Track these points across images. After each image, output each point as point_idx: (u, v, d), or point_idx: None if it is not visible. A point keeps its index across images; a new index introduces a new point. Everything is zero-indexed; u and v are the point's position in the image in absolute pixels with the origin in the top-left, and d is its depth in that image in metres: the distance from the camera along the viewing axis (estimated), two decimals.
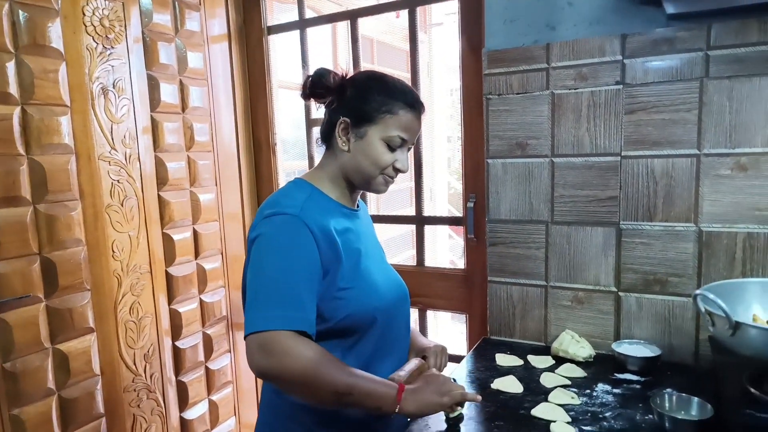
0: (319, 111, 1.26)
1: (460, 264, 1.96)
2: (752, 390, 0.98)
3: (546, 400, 1.21)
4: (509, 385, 1.30)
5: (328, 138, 1.15)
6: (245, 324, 0.98)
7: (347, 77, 1.13)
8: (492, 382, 1.31)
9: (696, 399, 1.08)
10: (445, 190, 5.67)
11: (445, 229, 5.28)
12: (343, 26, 3.00)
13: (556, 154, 1.48)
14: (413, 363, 1.15)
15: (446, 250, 5.60)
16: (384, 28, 3.55)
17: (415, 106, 1.11)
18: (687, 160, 1.34)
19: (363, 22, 2.00)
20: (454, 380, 1.10)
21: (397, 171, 1.12)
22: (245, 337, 0.97)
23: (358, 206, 1.22)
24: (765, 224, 1.27)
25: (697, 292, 1.04)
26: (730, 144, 1.29)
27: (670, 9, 1.28)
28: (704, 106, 1.31)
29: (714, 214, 1.32)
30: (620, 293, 1.45)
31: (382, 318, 1.11)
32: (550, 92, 1.47)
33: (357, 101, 1.10)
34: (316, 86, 1.12)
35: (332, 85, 1.11)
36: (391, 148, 1.10)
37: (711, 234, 1.33)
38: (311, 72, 1.13)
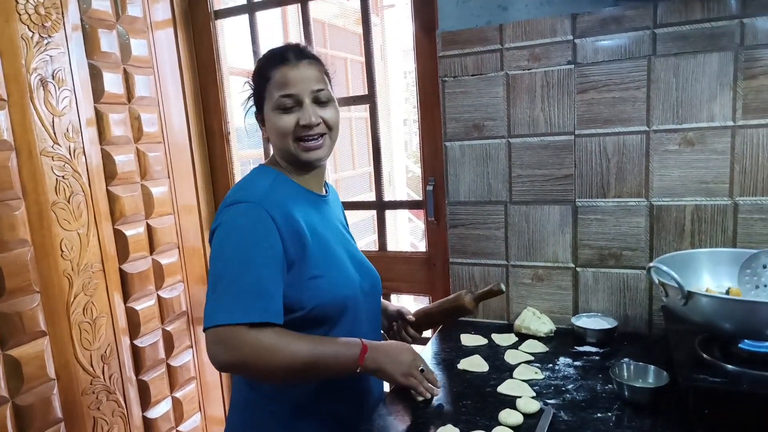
0: None
1: (421, 247, 1.97)
2: (704, 355, 1.03)
3: (511, 377, 1.24)
4: (475, 364, 1.32)
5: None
6: (204, 317, 0.96)
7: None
8: (458, 363, 1.33)
9: (652, 367, 1.13)
10: (403, 174, 5.68)
11: (404, 213, 5.30)
12: (293, 9, 2.93)
13: (513, 134, 1.50)
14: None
15: (407, 233, 5.63)
16: (335, 11, 3.49)
17: (287, 55, 1.07)
18: (637, 137, 1.38)
19: (314, 6, 1.96)
20: (423, 369, 1.11)
21: (305, 128, 1.06)
22: (204, 330, 0.96)
23: (326, 191, 1.20)
24: (711, 197, 1.33)
25: (651, 264, 1.08)
26: (677, 120, 1.34)
27: None
28: (652, 83, 1.34)
29: (663, 189, 1.37)
30: (578, 269, 1.49)
31: (353, 306, 1.10)
32: (505, 73, 1.48)
33: (254, 90, 1.13)
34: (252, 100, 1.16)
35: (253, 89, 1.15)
36: (287, 111, 1.06)
37: (661, 208, 1.38)
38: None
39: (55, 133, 1.57)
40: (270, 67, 1.07)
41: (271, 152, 1.18)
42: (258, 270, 0.97)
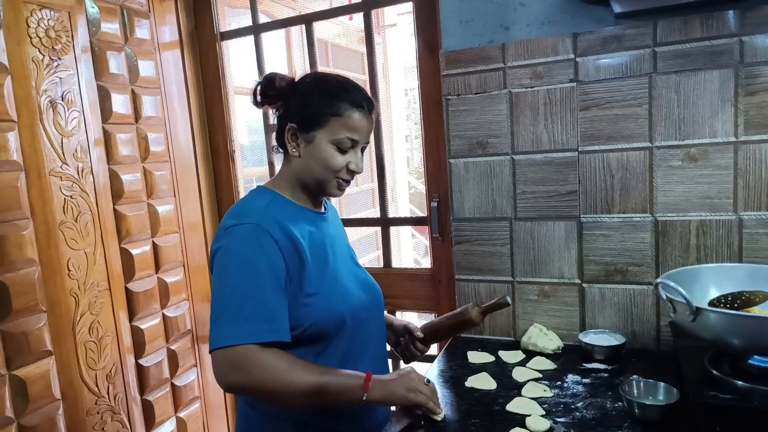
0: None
1: (424, 263, 1.97)
2: (713, 372, 1.02)
3: (519, 395, 1.23)
4: (482, 381, 1.31)
5: (281, 144, 1.14)
6: (210, 339, 0.97)
7: (294, 81, 1.13)
8: (465, 380, 1.32)
9: (662, 384, 1.12)
10: (406, 190, 5.69)
11: (407, 229, 5.31)
12: (297, 30, 2.97)
13: (516, 151, 1.51)
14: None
15: (410, 249, 5.63)
16: (338, 30, 3.54)
17: (363, 104, 1.09)
18: (640, 153, 1.39)
19: (318, 26, 1.99)
20: (428, 381, 1.11)
21: (351, 173, 1.11)
22: (210, 352, 0.97)
23: (325, 209, 1.21)
24: (716, 212, 1.34)
25: (658, 280, 1.08)
26: (680, 136, 1.35)
27: (617, 8, 1.32)
28: (654, 100, 1.36)
29: (668, 204, 1.38)
30: (584, 284, 1.49)
31: (351, 322, 1.11)
32: (508, 91, 1.50)
33: (302, 105, 1.09)
34: (266, 92, 1.11)
35: (281, 89, 1.10)
36: (342, 151, 1.08)
37: (666, 223, 1.39)
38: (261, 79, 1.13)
39: (63, 154, 1.59)
40: (344, 103, 1.06)
41: (277, 169, 1.19)
42: (263, 291, 0.98)
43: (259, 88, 1.12)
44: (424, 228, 1.99)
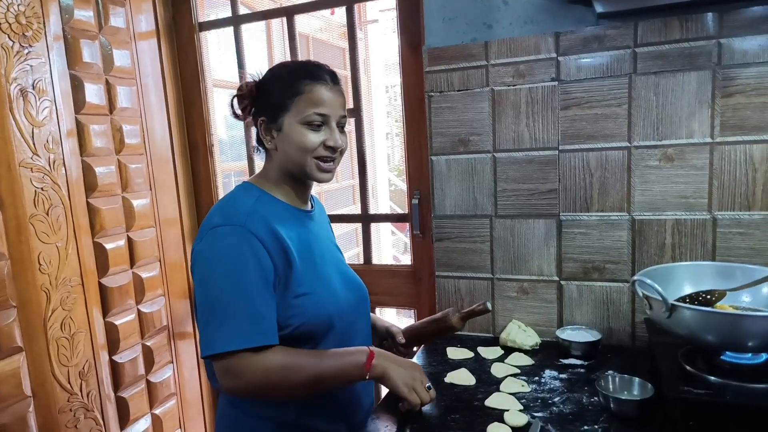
0: None
1: (404, 260, 1.97)
2: (687, 367, 1.05)
3: (498, 390, 1.24)
4: (462, 377, 1.32)
5: (260, 142, 1.13)
6: (201, 343, 0.98)
7: (257, 82, 1.12)
8: (445, 376, 1.33)
9: (637, 379, 1.14)
10: (386, 187, 5.69)
11: (387, 226, 5.30)
12: (278, 23, 2.94)
13: (498, 149, 1.52)
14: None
15: (390, 246, 5.63)
16: (319, 25, 3.51)
17: (324, 76, 1.07)
18: (619, 152, 1.41)
19: (299, 19, 1.96)
20: (430, 387, 1.10)
21: (330, 149, 1.07)
22: (203, 357, 0.96)
23: (312, 206, 1.19)
24: (691, 211, 1.36)
25: (635, 277, 1.10)
26: (658, 136, 1.37)
27: (599, 8, 1.33)
28: (633, 100, 1.38)
29: (645, 203, 1.40)
30: (562, 282, 1.51)
31: (339, 323, 1.10)
32: (490, 89, 1.50)
33: (266, 96, 1.08)
34: (238, 104, 1.12)
35: (249, 94, 1.10)
36: (314, 128, 1.05)
37: (643, 222, 1.41)
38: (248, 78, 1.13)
39: (34, 144, 1.54)
40: (303, 80, 1.05)
41: (258, 165, 1.18)
42: (250, 294, 0.97)
43: (235, 101, 1.12)
44: (403, 225, 1.99)
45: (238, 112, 1.13)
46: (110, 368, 1.79)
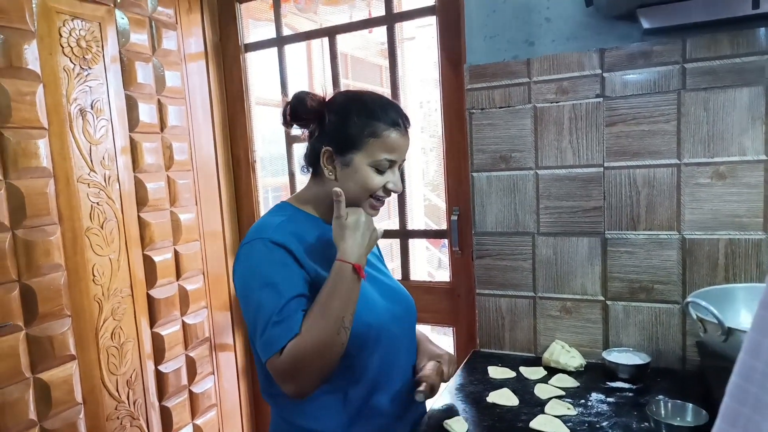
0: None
1: (438, 276, 1.96)
2: None
3: (543, 412, 1.22)
4: (504, 397, 1.30)
5: (313, 165, 1.12)
6: (260, 353, 0.99)
7: (325, 101, 1.10)
8: (487, 396, 1.31)
9: (690, 405, 1.10)
10: (421, 203, 5.69)
11: (422, 242, 5.30)
12: (317, 43, 3.01)
13: (540, 166, 1.51)
14: (430, 365, 1.14)
15: (424, 262, 5.61)
16: (357, 43, 3.57)
17: (400, 122, 1.06)
18: (668, 169, 1.37)
19: (336, 40, 2.00)
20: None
21: (389, 192, 1.09)
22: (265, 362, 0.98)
23: None
24: (744, 230, 1.32)
25: (689, 299, 1.06)
26: (708, 153, 1.33)
27: (646, 24, 1.32)
28: (682, 117, 1.35)
29: (695, 222, 1.36)
30: (607, 302, 1.47)
31: (378, 334, 1.08)
32: (533, 106, 1.49)
33: (337, 128, 1.05)
34: (297, 112, 1.09)
35: (311, 109, 1.08)
36: (380, 171, 1.06)
37: (693, 241, 1.37)
38: (290, 97, 1.11)
39: (91, 161, 1.62)
40: (380, 124, 1.04)
41: (301, 181, 1.19)
42: (281, 298, 0.96)
43: (288, 108, 1.10)
44: (438, 241, 1.98)
45: (289, 119, 1.10)
46: (155, 378, 1.84)
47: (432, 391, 1.10)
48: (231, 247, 2.18)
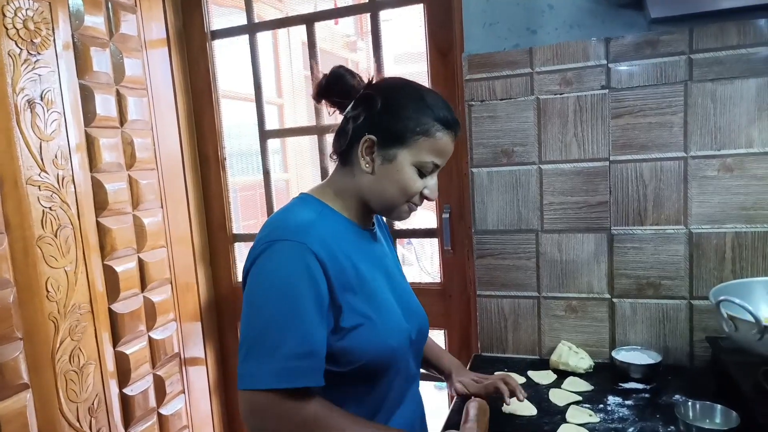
0: (298, 119, 1.11)
1: (408, 273, 1.87)
2: None
3: (565, 421, 1.15)
4: (522, 407, 1.22)
5: (345, 153, 0.98)
6: (239, 374, 0.84)
7: (373, 83, 0.97)
8: (502, 406, 1.23)
9: (719, 406, 1.06)
10: None
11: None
12: (284, 33, 2.85)
13: (544, 160, 1.44)
14: (474, 408, 1.06)
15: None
16: (324, 35, 3.43)
17: (453, 126, 0.96)
18: (675, 162, 1.34)
19: (302, 30, 1.86)
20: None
21: (425, 199, 0.98)
22: (240, 389, 0.84)
23: (373, 225, 1.08)
24: (752, 223, 1.30)
25: (721, 297, 1.02)
26: (716, 145, 1.31)
27: (653, 13, 1.28)
28: (689, 108, 1.32)
29: (703, 215, 1.33)
30: (614, 299, 1.43)
31: (395, 358, 0.97)
32: (535, 97, 1.43)
33: (387, 117, 0.93)
34: (334, 87, 0.96)
35: (354, 89, 0.96)
36: (422, 174, 0.95)
37: (701, 235, 1.34)
38: (326, 72, 0.98)
39: (42, 160, 1.41)
40: (436, 123, 0.93)
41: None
42: (304, 325, 0.84)
43: (325, 81, 0.97)
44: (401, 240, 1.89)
45: (323, 91, 0.98)
46: (120, 402, 1.65)
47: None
48: (200, 252, 2.00)
